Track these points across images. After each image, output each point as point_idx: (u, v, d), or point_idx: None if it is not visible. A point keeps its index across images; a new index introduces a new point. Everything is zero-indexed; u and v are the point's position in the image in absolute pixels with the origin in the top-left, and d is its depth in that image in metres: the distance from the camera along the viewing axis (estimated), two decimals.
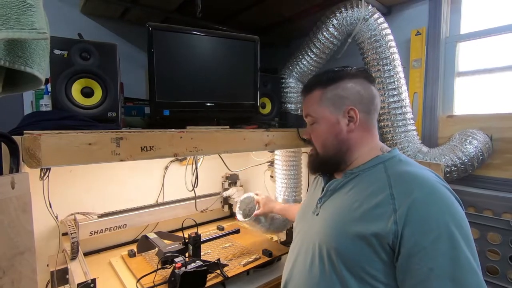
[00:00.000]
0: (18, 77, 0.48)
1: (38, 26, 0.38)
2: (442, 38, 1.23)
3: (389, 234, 0.55)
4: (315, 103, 0.74)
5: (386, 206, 0.58)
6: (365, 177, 0.67)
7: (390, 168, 0.65)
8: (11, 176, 0.56)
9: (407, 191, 0.57)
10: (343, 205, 0.66)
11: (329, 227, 0.65)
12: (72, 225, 1.08)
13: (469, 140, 1.10)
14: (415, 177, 0.60)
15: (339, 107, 0.71)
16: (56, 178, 1.11)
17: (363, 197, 0.63)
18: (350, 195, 0.66)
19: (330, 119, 0.72)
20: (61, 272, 0.96)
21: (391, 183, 0.61)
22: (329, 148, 0.72)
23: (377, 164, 0.67)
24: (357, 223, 0.60)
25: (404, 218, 0.55)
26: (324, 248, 0.64)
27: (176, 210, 1.47)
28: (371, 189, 0.63)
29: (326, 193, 0.73)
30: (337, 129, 0.71)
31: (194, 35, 1.01)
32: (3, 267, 0.55)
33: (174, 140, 0.88)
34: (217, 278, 1.03)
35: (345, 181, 0.69)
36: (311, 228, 0.72)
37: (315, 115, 0.74)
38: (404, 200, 0.56)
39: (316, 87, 0.74)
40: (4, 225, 0.55)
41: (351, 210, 0.63)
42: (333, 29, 1.19)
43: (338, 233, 0.63)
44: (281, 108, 1.37)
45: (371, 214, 0.59)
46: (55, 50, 0.79)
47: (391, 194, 0.59)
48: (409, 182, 0.59)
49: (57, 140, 0.69)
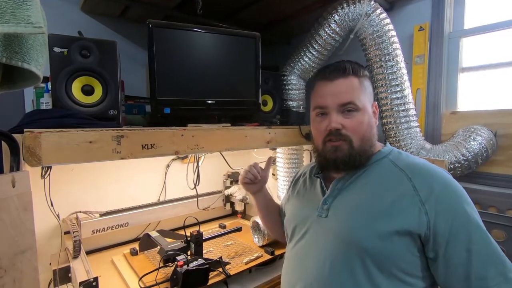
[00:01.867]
0: (16, 73, 0.47)
1: (34, 21, 0.37)
2: (446, 33, 1.22)
3: (421, 226, 0.57)
4: (359, 91, 0.68)
5: (411, 198, 0.59)
6: (372, 171, 0.67)
7: (397, 161, 0.66)
8: (11, 175, 0.55)
9: (428, 183, 0.60)
10: (361, 202, 0.64)
11: (353, 227, 0.63)
12: (74, 224, 1.08)
13: (473, 136, 1.08)
14: (428, 169, 0.63)
15: (370, 100, 0.71)
16: (57, 176, 1.10)
17: (381, 191, 0.63)
18: (364, 191, 0.65)
19: (369, 110, 0.70)
20: (64, 271, 0.96)
21: (407, 175, 0.62)
22: (368, 140, 0.69)
23: (381, 158, 0.68)
24: (383, 218, 0.59)
25: (435, 208, 0.57)
26: (350, 250, 0.61)
27: (178, 209, 1.47)
28: (387, 182, 0.63)
29: (332, 192, 0.70)
30: (373, 122, 0.70)
31: (194, 32, 1.00)
32: (5, 266, 0.55)
33: (175, 138, 0.88)
34: (219, 276, 1.03)
35: (355, 177, 0.68)
36: (321, 232, 0.68)
37: (359, 104, 0.67)
38: (429, 192, 0.59)
39: (352, 73, 0.69)
40: (5, 224, 0.55)
41: (372, 206, 0.62)
42: (334, 25, 1.18)
43: (365, 232, 0.60)
44: (283, 106, 1.37)
45: (396, 207, 0.59)
46: (55, 48, 0.79)
47: (413, 186, 0.60)
48: (427, 174, 0.62)
49: (57, 138, 0.69)
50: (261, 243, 1.27)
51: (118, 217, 1.29)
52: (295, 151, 1.35)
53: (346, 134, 0.67)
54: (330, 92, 0.68)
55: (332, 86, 0.68)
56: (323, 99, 0.70)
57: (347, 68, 0.69)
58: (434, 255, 0.58)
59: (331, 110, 0.68)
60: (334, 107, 0.68)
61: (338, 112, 0.68)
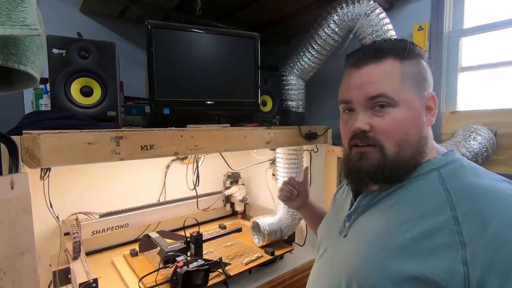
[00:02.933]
0: (12, 75, 0.47)
1: (30, 22, 0.37)
2: (445, 33, 1.22)
3: (454, 279, 0.40)
4: (395, 79, 0.51)
5: (447, 236, 0.42)
6: (412, 189, 0.50)
7: (449, 178, 0.48)
8: (10, 177, 0.55)
9: (482, 216, 0.41)
10: (383, 227, 0.50)
11: (363, 258, 0.50)
12: (74, 225, 1.08)
13: (473, 136, 1.08)
14: (491, 194, 0.43)
15: (422, 91, 0.52)
16: (57, 178, 1.10)
17: (410, 219, 0.47)
18: (390, 214, 0.50)
19: (415, 105, 0.51)
20: (63, 272, 0.96)
21: (452, 200, 0.44)
22: (411, 146, 0.51)
23: (430, 170, 0.50)
24: (402, 256, 0.45)
25: (481, 258, 0.39)
26: (355, 285, 0.49)
27: (178, 209, 1.47)
28: (423, 207, 0.47)
29: (357, 208, 0.57)
30: (422, 121, 0.52)
31: (193, 32, 1.00)
32: (4, 268, 0.55)
33: (174, 139, 0.87)
34: (219, 277, 1.03)
35: (384, 194, 0.53)
36: (337, 254, 0.58)
37: (395, 96, 0.50)
38: (478, 230, 0.41)
39: (390, 55, 0.52)
40: (4, 225, 0.55)
41: (393, 237, 0.47)
42: (334, 25, 1.18)
43: (375, 268, 0.47)
44: (282, 106, 1.36)
45: (423, 244, 0.44)
46: (53, 49, 0.79)
47: (454, 217, 0.43)
48: (483, 201, 0.43)
49: (56, 139, 0.69)
50: (261, 244, 1.27)
51: (118, 218, 1.29)
52: (294, 152, 1.35)
53: (375, 138, 0.52)
54: (356, 82, 0.53)
55: (359, 74, 0.53)
56: (347, 92, 0.55)
57: (381, 49, 0.53)
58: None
59: (357, 106, 0.53)
60: (360, 102, 0.53)
61: (367, 109, 0.53)
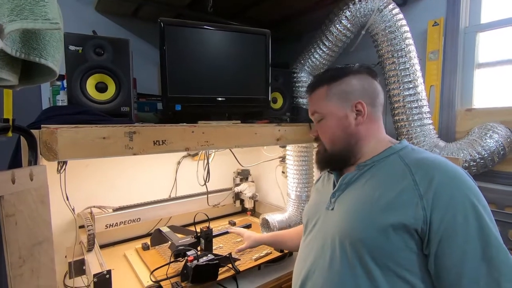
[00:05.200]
0: (33, 69, 0.49)
1: (51, 17, 0.39)
2: (461, 28, 1.18)
3: (418, 221, 0.56)
4: (321, 100, 0.74)
5: (411, 192, 0.58)
6: (380, 167, 0.67)
7: (406, 157, 0.65)
8: (29, 169, 0.57)
9: (429, 176, 0.58)
10: (363, 196, 0.65)
11: (352, 219, 0.64)
12: (88, 218, 1.11)
13: (489, 134, 1.05)
14: (433, 162, 0.61)
15: (346, 102, 0.72)
16: (72, 172, 1.13)
17: (384, 186, 0.62)
18: (368, 186, 0.66)
19: (337, 113, 0.72)
20: (78, 263, 0.99)
21: (411, 170, 0.61)
22: (338, 142, 0.72)
23: (390, 154, 0.68)
24: (383, 212, 0.59)
25: (432, 203, 0.55)
26: (347, 241, 0.62)
27: (189, 205, 1.49)
28: (391, 178, 0.63)
29: (340, 187, 0.71)
30: (346, 123, 0.71)
31: (205, 29, 1.01)
32: (23, 256, 0.57)
33: (185, 135, 0.89)
34: (229, 272, 1.04)
35: (360, 173, 0.69)
36: (326, 223, 0.71)
37: (322, 111, 0.74)
38: (428, 185, 0.57)
39: (320, 85, 0.75)
40: (23, 215, 0.57)
41: (374, 200, 0.62)
42: (346, 21, 1.17)
43: (363, 224, 0.61)
44: (293, 103, 1.36)
45: (396, 202, 0.59)
46: (70, 46, 0.81)
47: (413, 180, 0.59)
48: (430, 167, 0.59)
49: (73, 134, 0.71)
50: None
51: (130, 213, 1.32)
52: (305, 149, 1.34)
53: (321, 140, 0.77)
54: (309, 105, 0.80)
55: (309, 100, 0.80)
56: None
57: (315, 81, 0.77)
58: (428, 253, 0.56)
59: (313, 120, 0.79)
60: (312, 118, 0.79)
61: (315, 121, 0.78)
